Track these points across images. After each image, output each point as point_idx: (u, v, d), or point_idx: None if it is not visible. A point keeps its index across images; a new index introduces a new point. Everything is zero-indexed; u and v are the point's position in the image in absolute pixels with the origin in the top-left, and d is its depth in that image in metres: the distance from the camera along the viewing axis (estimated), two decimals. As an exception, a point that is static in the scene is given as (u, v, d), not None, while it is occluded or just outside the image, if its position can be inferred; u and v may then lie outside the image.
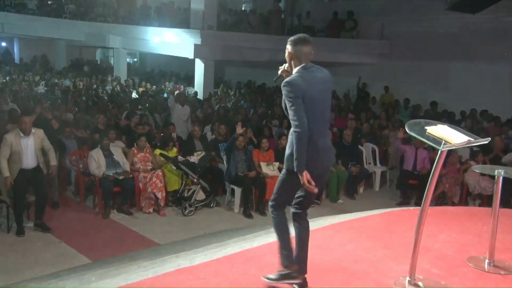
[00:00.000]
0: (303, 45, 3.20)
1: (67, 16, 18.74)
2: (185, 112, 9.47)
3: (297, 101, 3.06)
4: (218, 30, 14.23)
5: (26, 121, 5.88)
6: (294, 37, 3.26)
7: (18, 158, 5.84)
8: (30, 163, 5.97)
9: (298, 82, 3.09)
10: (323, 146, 3.17)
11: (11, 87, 13.51)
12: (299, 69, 3.20)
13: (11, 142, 5.79)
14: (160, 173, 7.12)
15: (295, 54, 3.21)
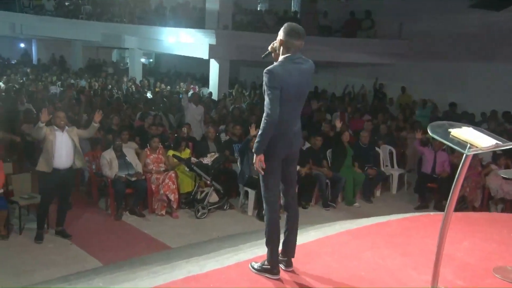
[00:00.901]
0: (296, 39, 3.20)
1: (84, 17, 18.83)
2: (199, 112, 9.37)
3: (274, 92, 3.11)
4: (233, 30, 14.14)
5: (60, 116, 5.79)
6: (289, 26, 3.27)
7: (51, 153, 5.67)
8: (64, 162, 5.77)
9: (278, 72, 3.13)
10: (293, 133, 3.29)
11: (28, 88, 13.57)
12: (284, 59, 3.24)
13: (46, 133, 5.67)
14: (173, 174, 7.02)
15: (286, 44, 3.22)
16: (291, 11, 17.29)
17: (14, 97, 11.18)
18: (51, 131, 5.75)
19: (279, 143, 3.21)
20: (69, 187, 6.04)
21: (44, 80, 15.51)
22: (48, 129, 5.76)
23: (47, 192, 5.81)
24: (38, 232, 5.80)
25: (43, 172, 5.71)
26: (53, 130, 5.78)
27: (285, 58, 3.21)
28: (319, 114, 11.54)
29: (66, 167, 5.83)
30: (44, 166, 5.72)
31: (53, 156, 5.70)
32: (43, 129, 5.69)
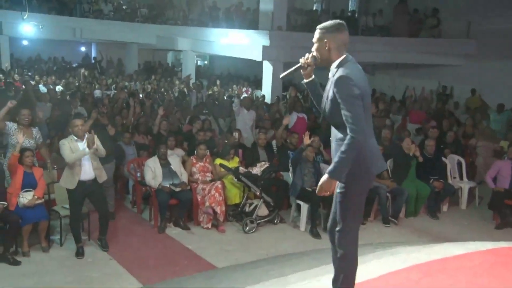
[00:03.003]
0: (343, 32, 2.88)
1: (140, 20, 18.98)
2: (250, 117, 8.87)
3: (358, 101, 2.75)
4: (288, 31, 13.62)
5: (77, 124, 5.41)
6: (327, 23, 2.90)
7: (77, 167, 5.35)
8: (88, 173, 5.41)
9: (357, 77, 2.78)
10: (375, 148, 2.98)
11: (83, 91, 13.67)
12: (348, 61, 2.83)
13: (69, 146, 5.34)
14: (220, 185, 6.56)
15: (336, 44, 2.83)
16: (348, 11, 16.53)
17: (68, 100, 11.21)
18: (71, 142, 5.40)
19: (369, 161, 2.88)
20: (101, 197, 5.68)
21: (100, 83, 15.62)
22: (68, 140, 5.44)
23: (75, 206, 5.49)
24: (77, 247, 5.51)
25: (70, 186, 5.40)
26: (73, 141, 5.42)
27: (347, 60, 2.80)
28: (379, 120, 10.73)
29: (91, 178, 5.47)
30: (68, 183, 5.38)
31: (79, 171, 5.36)
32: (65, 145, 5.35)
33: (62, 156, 5.41)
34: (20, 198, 5.32)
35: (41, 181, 5.58)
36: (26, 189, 5.40)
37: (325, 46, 2.86)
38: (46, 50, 22.04)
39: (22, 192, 5.37)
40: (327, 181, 2.79)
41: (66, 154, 5.33)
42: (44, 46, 21.67)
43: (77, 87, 14.11)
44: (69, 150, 5.32)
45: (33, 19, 17.01)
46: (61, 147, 5.36)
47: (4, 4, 17.45)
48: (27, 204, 5.30)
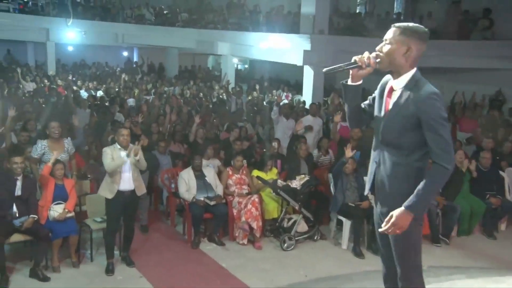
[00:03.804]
0: (426, 43, 2.52)
1: (180, 24, 19.00)
2: (290, 126, 8.45)
3: (447, 124, 2.45)
4: (330, 35, 13.15)
5: (124, 133, 5.20)
6: (415, 26, 2.49)
7: (117, 176, 5.17)
8: (127, 183, 5.22)
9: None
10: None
11: (123, 96, 13.68)
12: (420, 76, 2.49)
13: (112, 153, 5.17)
14: (257, 199, 6.21)
15: (417, 53, 2.47)
16: (393, 13, 15.86)
17: (107, 106, 11.18)
18: (114, 151, 5.20)
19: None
20: (133, 212, 5.46)
21: (139, 88, 15.63)
22: (111, 148, 5.25)
23: (112, 218, 5.28)
24: (108, 263, 5.29)
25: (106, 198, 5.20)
26: (116, 150, 5.22)
27: (418, 74, 2.48)
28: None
29: (130, 189, 5.25)
30: (107, 192, 5.20)
31: (119, 179, 5.17)
32: (108, 153, 5.17)
33: (102, 164, 5.28)
34: (51, 211, 5.15)
35: (72, 193, 5.40)
36: (57, 202, 5.24)
37: (405, 51, 2.48)
38: (90, 55, 22.50)
39: (53, 205, 5.21)
40: (404, 217, 2.39)
41: (106, 162, 5.19)
42: (89, 51, 22.12)
43: (116, 93, 14.12)
44: (110, 159, 5.17)
45: (77, 26, 17.34)
46: (103, 155, 5.23)
47: (52, 11, 17.89)
48: (58, 217, 5.13)
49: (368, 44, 10.44)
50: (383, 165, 2.62)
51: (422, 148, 2.51)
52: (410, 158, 2.52)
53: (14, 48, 20.54)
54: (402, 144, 2.52)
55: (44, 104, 12.09)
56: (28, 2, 18.30)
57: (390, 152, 2.58)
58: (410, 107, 2.46)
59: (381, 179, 2.64)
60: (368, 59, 2.54)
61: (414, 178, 2.51)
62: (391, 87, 2.63)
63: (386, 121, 2.59)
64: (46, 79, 16.14)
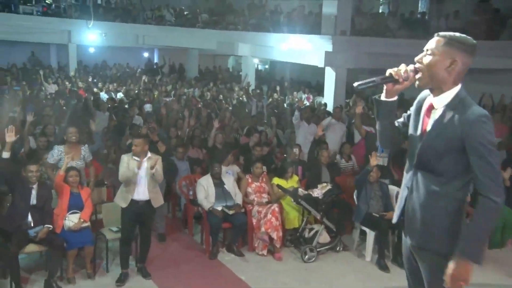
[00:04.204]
0: (473, 56, 2.26)
1: (200, 25, 18.90)
2: (311, 131, 8.17)
3: (497, 151, 2.18)
4: (352, 36, 12.85)
5: (137, 143, 5.05)
6: (463, 37, 2.22)
7: (131, 185, 5.05)
8: (142, 193, 5.07)
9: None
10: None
11: (142, 98, 13.61)
12: (465, 94, 2.23)
13: (127, 164, 5.05)
14: (277, 208, 5.99)
15: (463, 68, 2.21)
16: (418, 12, 15.44)
17: (126, 109, 11.11)
18: (130, 160, 5.07)
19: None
20: (149, 223, 5.30)
21: (159, 90, 15.56)
22: (128, 156, 5.11)
23: (126, 227, 5.15)
24: (121, 273, 5.16)
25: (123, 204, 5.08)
26: (132, 158, 5.09)
27: (465, 92, 2.23)
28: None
29: (145, 199, 5.10)
30: (121, 200, 5.09)
31: (133, 188, 5.04)
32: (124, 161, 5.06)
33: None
34: (66, 220, 5.04)
35: (88, 202, 5.28)
36: (73, 211, 5.12)
37: (449, 65, 2.22)
38: (112, 56, 22.62)
39: (68, 214, 5.09)
40: (465, 268, 2.13)
41: (121, 171, 5.09)
42: (110, 53, 22.23)
43: (136, 95, 14.06)
44: (125, 167, 5.05)
45: (98, 27, 17.40)
46: (120, 162, 5.13)
47: (74, 13, 18.01)
48: (73, 227, 5.01)
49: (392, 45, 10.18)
50: (416, 192, 2.35)
51: (464, 176, 2.25)
52: (450, 186, 2.25)
53: (37, 50, 20.77)
54: (441, 169, 2.26)
55: (65, 106, 12.13)
56: (51, 4, 18.46)
57: (425, 178, 2.32)
58: (454, 128, 2.20)
59: (413, 207, 2.37)
60: (405, 72, 2.29)
61: (452, 212, 2.26)
62: (431, 104, 2.36)
63: (424, 142, 2.33)
64: (68, 81, 16.21)
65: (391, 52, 12.83)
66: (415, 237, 2.39)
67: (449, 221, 2.26)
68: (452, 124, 2.21)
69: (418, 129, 2.39)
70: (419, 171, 2.35)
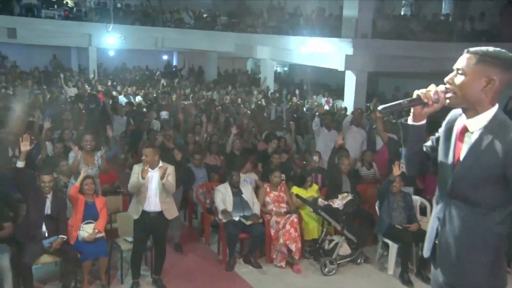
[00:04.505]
0: (510, 74, 2.00)
1: (219, 28, 18.85)
2: (332, 138, 7.94)
3: None
4: (373, 39, 12.59)
5: (146, 153, 4.91)
6: (497, 51, 1.97)
7: (141, 196, 4.94)
8: (153, 204, 4.94)
9: None
10: None
11: (160, 102, 13.57)
12: (504, 115, 2.02)
13: (138, 174, 4.90)
14: (296, 219, 5.81)
15: (501, 87, 1.97)
16: (441, 14, 15.07)
17: (144, 113, 11.06)
18: (141, 169, 4.92)
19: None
20: (163, 234, 5.15)
21: (177, 94, 15.50)
22: (139, 166, 4.98)
23: (138, 239, 5.04)
24: (133, 282, 5.07)
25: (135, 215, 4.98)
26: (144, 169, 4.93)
27: (503, 113, 2.02)
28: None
29: (157, 211, 4.97)
30: (133, 211, 4.98)
31: (144, 199, 4.91)
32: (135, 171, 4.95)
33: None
34: (80, 231, 4.94)
35: (103, 212, 5.17)
36: (87, 221, 5.02)
37: (487, 84, 1.99)
38: (131, 59, 22.74)
39: (83, 224, 4.99)
40: None
41: (130, 180, 4.99)
42: (129, 55, 22.36)
43: (154, 99, 14.01)
44: (136, 178, 4.92)
45: (117, 30, 17.47)
46: (132, 172, 5.01)
47: (94, 17, 18.14)
48: (87, 238, 4.91)
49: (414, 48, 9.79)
50: (450, 225, 2.13)
51: (504, 208, 2.03)
52: (489, 219, 2.03)
53: (59, 53, 21.02)
54: (478, 200, 2.03)
55: (84, 110, 12.16)
56: (73, 8, 18.63)
57: (461, 209, 2.09)
58: (494, 155, 1.97)
59: (446, 241, 2.14)
60: (435, 93, 2.05)
61: (493, 247, 2.04)
62: (464, 127, 2.12)
63: (458, 171, 2.10)
64: (87, 84, 16.30)
65: (413, 55, 12.56)
66: (449, 274, 2.17)
67: (487, 257, 2.05)
68: (491, 150, 1.98)
69: (450, 155, 2.16)
70: (453, 201, 2.12)
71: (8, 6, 16.70)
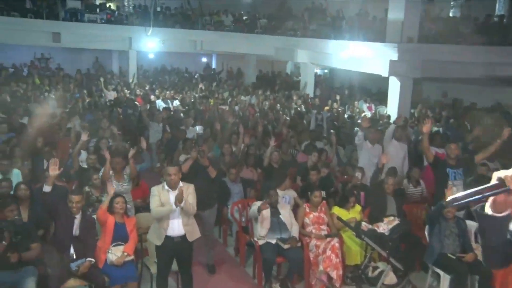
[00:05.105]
0: None
1: (259, 31, 18.57)
2: (376, 153, 7.42)
3: None
4: (420, 43, 11.96)
5: (171, 173, 4.62)
6: None
7: (164, 222, 4.62)
8: (176, 229, 4.65)
9: None
10: None
11: (198, 107, 13.37)
12: None
13: (159, 194, 4.65)
14: (337, 244, 5.39)
15: None
16: (494, 15, 14.16)
17: (181, 120, 10.86)
18: (162, 193, 4.64)
19: None
20: (188, 258, 4.85)
21: (215, 98, 15.29)
22: (159, 188, 4.68)
23: (162, 264, 4.76)
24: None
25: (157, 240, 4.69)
26: (164, 190, 4.65)
27: None
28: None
29: (180, 235, 4.66)
30: (155, 237, 4.69)
31: (167, 224, 4.60)
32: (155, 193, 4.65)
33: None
34: (109, 254, 4.72)
35: (133, 234, 4.92)
36: (116, 243, 4.79)
37: None
38: (171, 61, 22.81)
39: (112, 246, 4.77)
40: None
41: (152, 206, 4.66)
42: (169, 57, 22.42)
43: (192, 103, 13.82)
44: (157, 202, 4.61)
45: (156, 34, 17.52)
46: (150, 196, 4.70)
47: (135, 20, 18.27)
48: (116, 262, 4.68)
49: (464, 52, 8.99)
50: None
51: None
52: None
53: (101, 56, 21.33)
54: None
55: (122, 115, 12.13)
56: (115, 11, 18.82)
57: None
58: None
59: None
60: None
61: None
62: None
63: None
64: (126, 87, 16.36)
65: (463, 60, 11.85)
66: None
67: None
68: None
69: None
70: None
71: (54, 11, 17.06)
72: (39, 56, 20.03)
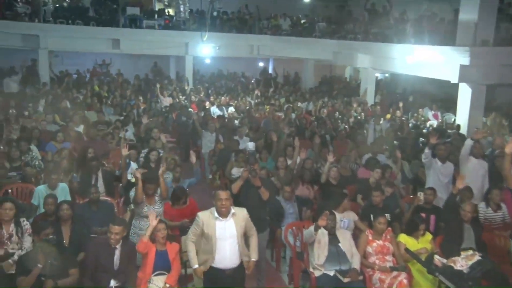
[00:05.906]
0: None
1: (317, 35, 17.97)
2: (446, 172, 6.63)
3: None
4: (494, 46, 10.95)
5: (222, 197, 4.16)
6: None
7: (209, 248, 4.21)
8: (228, 260, 4.19)
9: None
10: None
11: (253, 114, 12.92)
12: None
13: (203, 223, 4.22)
14: (405, 280, 4.73)
15: None
16: None
17: (233, 129, 10.45)
18: (210, 218, 4.18)
19: None
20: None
21: (273, 104, 14.80)
22: (206, 214, 4.22)
23: None
24: None
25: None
26: (211, 218, 4.19)
27: None
28: None
29: (233, 267, 4.20)
30: (200, 266, 4.25)
31: (213, 255, 4.15)
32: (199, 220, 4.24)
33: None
34: (150, 284, 4.33)
35: (175, 262, 4.50)
36: (158, 272, 4.40)
37: None
38: (228, 65, 22.67)
39: (153, 275, 4.38)
40: None
41: (188, 235, 4.32)
42: (226, 62, 22.29)
43: (247, 111, 13.37)
44: (198, 231, 4.22)
45: (212, 39, 17.42)
46: (194, 220, 4.30)
47: (192, 26, 18.25)
48: (157, 294, 4.30)
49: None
50: None
51: None
52: None
53: (159, 61, 21.56)
54: None
55: (176, 122, 11.94)
56: (173, 17, 18.92)
57: None
58: None
59: None
60: None
61: None
62: None
63: None
64: (182, 93, 16.28)
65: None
66: None
67: None
68: None
69: None
70: None
71: (114, 18, 17.38)
72: (100, 62, 20.49)
